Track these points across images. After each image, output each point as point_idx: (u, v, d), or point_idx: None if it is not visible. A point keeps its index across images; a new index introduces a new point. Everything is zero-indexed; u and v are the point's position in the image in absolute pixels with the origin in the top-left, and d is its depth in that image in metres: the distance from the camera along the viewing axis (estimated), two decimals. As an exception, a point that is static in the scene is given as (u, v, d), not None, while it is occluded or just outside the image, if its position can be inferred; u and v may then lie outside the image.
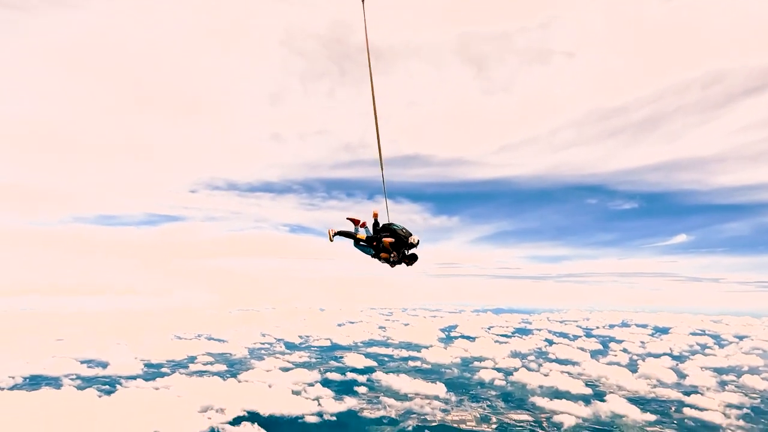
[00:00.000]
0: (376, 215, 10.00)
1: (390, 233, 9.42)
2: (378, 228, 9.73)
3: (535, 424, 71.20)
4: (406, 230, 9.37)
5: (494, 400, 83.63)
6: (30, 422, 58.39)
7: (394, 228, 9.38)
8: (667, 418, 73.47)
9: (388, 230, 9.50)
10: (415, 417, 70.88)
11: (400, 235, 9.24)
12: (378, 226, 9.88)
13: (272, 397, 74.23)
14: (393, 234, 9.36)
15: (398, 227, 9.46)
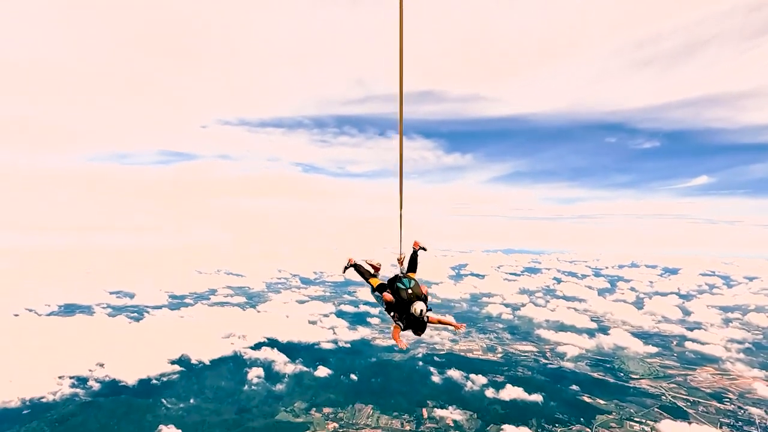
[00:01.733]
0: (401, 261, 8.29)
1: (392, 291, 7.33)
2: (391, 279, 7.81)
3: (538, 354, 74.57)
4: (414, 293, 7.12)
5: (501, 333, 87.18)
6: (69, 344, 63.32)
7: (398, 287, 7.28)
8: (667, 351, 76.05)
9: (393, 286, 7.39)
10: (425, 346, 74.62)
11: (401, 296, 7.15)
12: (400, 274, 7.94)
13: (290, 326, 78.55)
14: (395, 292, 7.25)
15: (405, 285, 7.28)
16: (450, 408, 51.02)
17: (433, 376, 59.96)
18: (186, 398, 52.90)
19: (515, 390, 54.33)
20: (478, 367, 63.42)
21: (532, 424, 47.04)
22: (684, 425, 47.08)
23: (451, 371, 60.51)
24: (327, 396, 54.91)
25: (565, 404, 52.79)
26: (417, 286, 7.14)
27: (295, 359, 64.41)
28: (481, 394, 54.40)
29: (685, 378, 63.90)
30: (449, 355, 69.36)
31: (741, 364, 67.15)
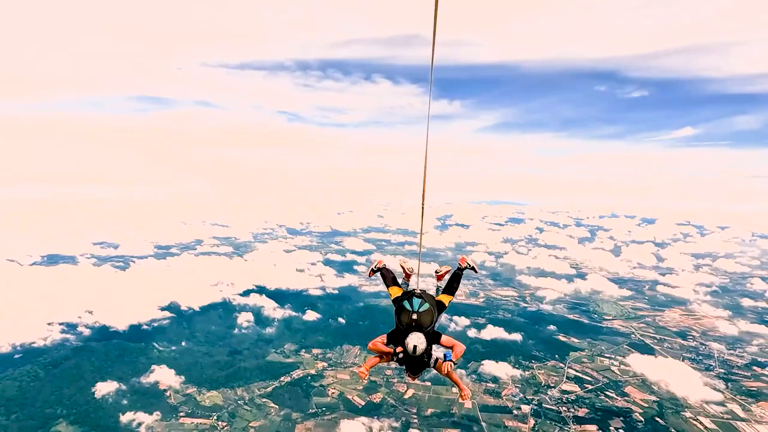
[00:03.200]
0: (407, 273, 6.93)
1: (395, 310, 5.87)
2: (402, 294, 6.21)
3: (519, 299, 77.86)
4: (420, 321, 5.54)
5: (483, 279, 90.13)
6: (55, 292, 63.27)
7: (403, 306, 5.75)
8: (640, 295, 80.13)
9: (398, 304, 5.89)
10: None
11: (400, 320, 5.65)
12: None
13: (278, 274, 79.66)
14: (396, 313, 5.79)
15: (412, 307, 5.67)
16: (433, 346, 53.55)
17: (418, 319, 62.39)
18: (177, 342, 54.22)
19: (496, 330, 57.25)
20: (461, 311, 66.08)
21: (510, 360, 49.94)
22: (650, 358, 50.60)
23: (436, 314, 63.04)
24: (316, 338, 56.93)
25: (542, 343, 55.93)
26: (428, 314, 5.45)
27: (283, 305, 65.98)
28: (463, 334, 57.10)
29: (654, 318, 67.82)
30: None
31: (707, 306, 71.43)
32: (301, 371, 48.70)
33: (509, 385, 45.75)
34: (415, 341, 5.12)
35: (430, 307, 5.61)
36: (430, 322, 5.49)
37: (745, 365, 50.39)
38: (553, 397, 43.89)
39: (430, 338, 5.49)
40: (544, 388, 45.54)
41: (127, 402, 40.88)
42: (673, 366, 48.15)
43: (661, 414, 40.52)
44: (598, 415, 40.81)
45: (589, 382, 46.87)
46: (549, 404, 42.62)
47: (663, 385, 44.27)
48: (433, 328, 5.52)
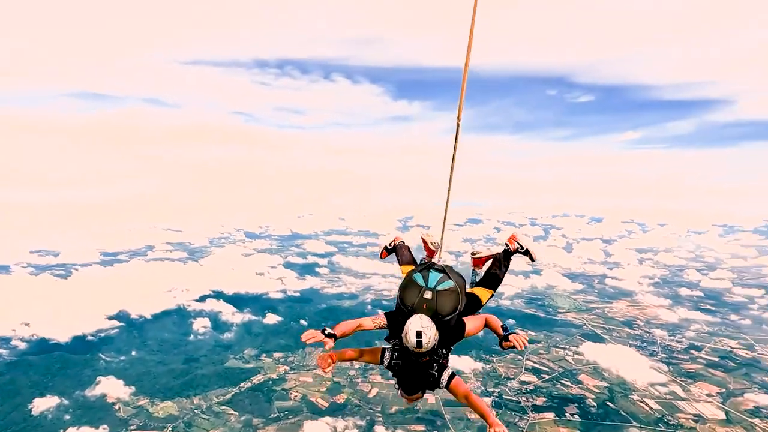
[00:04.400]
0: (428, 245, 5.58)
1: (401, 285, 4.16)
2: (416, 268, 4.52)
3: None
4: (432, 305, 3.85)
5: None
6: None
7: (412, 279, 4.09)
8: (590, 288, 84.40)
9: (407, 278, 4.21)
10: (373, 292, 76.88)
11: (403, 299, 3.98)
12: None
13: (236, 278, 77.01)
14: (400, 289, 4.11)
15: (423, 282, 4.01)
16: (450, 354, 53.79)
17: (381, 318, 62.46)
18: (127, 351, 51.02)
19: (457, 325, 58.34)
20: (423, 309, 66.74)
21: (472, 354, 50.97)
22: (600, 346, 53.39)
23: (399, 313, 63.40)
24: (277, 342, 55.45)
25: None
26: (449, 296, 3.80)
27: (242, 309, 63.79)
28: (426, 332, 57.76)
29: (603, 310, 71.54)
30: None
31: (650, 296, 76.33)
32: (262, 376, 47.25)
33: (471, 379, 46.67)
34: (417, 326, 3.44)
35: (455, 287, 3.85)
36: (451, 310, 3.73)
37: (684, 349, 54.19)
38: (512, 388, 45.22)
39: (447, 334, 3.75)
40: (504, 380, 46.84)
41: (69, 417, 37.90)
42: (622, 352, 51.07)
43: (611, 398, 42.76)
44: (555, 403, 42.45)
45: (546, 372, 48.65)
46: (509, 395, 43.87)
47: (613, 370, 46.80)
48: (452, 320, 3.76)
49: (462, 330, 4.10)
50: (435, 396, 43.46)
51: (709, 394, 43.17)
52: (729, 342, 56.11)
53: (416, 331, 3.57)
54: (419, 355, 3.73)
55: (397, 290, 4.20)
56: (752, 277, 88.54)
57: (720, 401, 41.83)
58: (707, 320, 64.29)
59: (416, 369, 3.91)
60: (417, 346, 3.57)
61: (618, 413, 40.34)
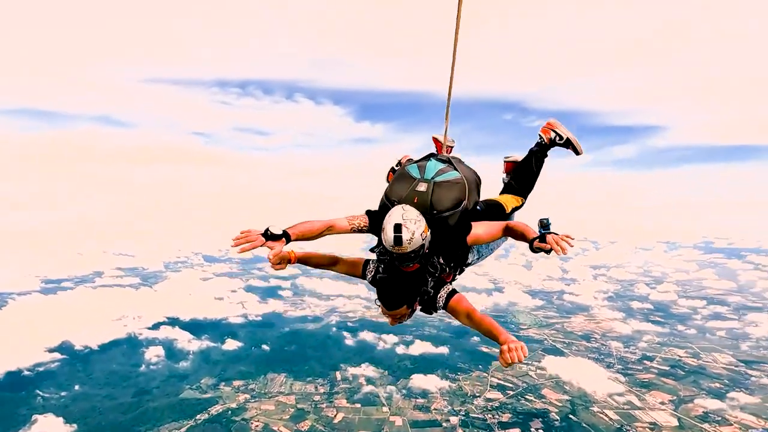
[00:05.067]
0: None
1: (384, 197, 3.36)
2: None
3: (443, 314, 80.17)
4: (428, 192, 3.09)
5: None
6: None
7: (406, 170, 3.30)
8: (550, 304, 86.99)
9: (400, 170, 3.41)
10: (337, 314, 75.52)
11: (390, 191, 3.26)
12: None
13: (193, 304, 73.42)
14: (392, 182, 3.36)
15: (419, 174, 3.22)
16: (363, 366, 52.83)
17: (346, 340, 61.22)
18: (69, 387, 46.88)
19: (423, 344, 58.13)
20: (389, 330, 66.12)
21: (438, 373, 50.79)
22: (561, 360, 54.83)
23: (364, 333, 62.45)
24: (237, 369, 52.92)
25: (466, 354, 57.85)
26: (451, 190, 3.09)
27: (200, 336, 60.66)
28: (392, 352, 57.13)
29: (562, 325, 73.77)
30: (362, 321, 71.12)
31: (605, 310, 79.68)
32: (221, 406, 44.69)
33: (438, 398, 46.34)
34: (397, 218, 2.73)
35: (459, 178, 3.11)
36: (451, 205, 3.01)
37: (638, 360, 56.58)
38: (479, 406, 45.27)
39: (445, 236, 3.01)
40: (470, 398, 46.85)
41: (-1, 463, 34.14)
42: (582, 365, 52.62)
43: (573, 411, 43.70)
44: (520, 418, 42.82)
45: (510, 388, 49.16)
46: (475, 413, 43.83)
47: (574, 383, 48.02)
48: (452, 219, 3.02)
49: (466, 231, 3.10)
50: (402, 418, 42.78)
51: (663, 402, 45.05)
52: (678, 351, 59.16)
53: (395, 224, 2.70)
54: (404, 260, 2.87)
55: (385, 190, 3.30)
56: (694, 290, 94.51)
57: (672, 408, 43.74)
58: (657, 331, 67.68)
59: (403, 281, 3.08)
60: (395, 243, 2.71)
61: (580, 425, 41.21)
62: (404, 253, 2.85)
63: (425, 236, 2.88)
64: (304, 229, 3.03)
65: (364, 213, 3.29)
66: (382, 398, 46.92)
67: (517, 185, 3.96)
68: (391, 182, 3.36)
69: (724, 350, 59.55)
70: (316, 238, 3.13)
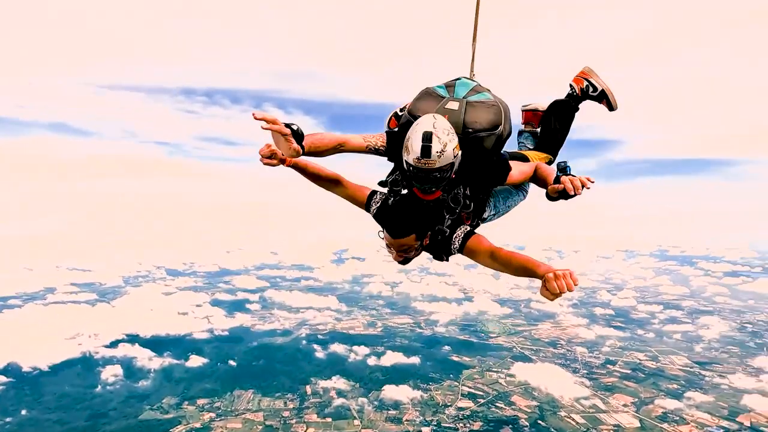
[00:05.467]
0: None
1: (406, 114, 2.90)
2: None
3: (414, 325, 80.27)
4: (461, 111, 2.71)
5: (380, 309, 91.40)
6: None
7: (432, 89, 2.92)
8: (518, 312, 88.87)
9: (424, 90, 2.97)
10: (307, 327, 74.15)
11: (415, 106, 2.88)
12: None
13: (155, 319, 70.22)
14: (414, 101, 2.94)
15: (447, 93, 2.86)
16: (334, 378, 51.88)
17: (316, 353, 60.05)
18: (14, 412, 43.51)
19: (395, 355, 57.85)
20: (360, 341, 65.51)
21: (410, 383, 50.60)
22: (530, 366, 55.93)
23: (335, 346, 61.52)
24: (202, 386, 50.77)
25: (438, 364, 58.01)
26: (484, 109, 2.75)
27: (162, 353, 57.93)
28: (363, 364, 56.47)
29: (530, 332, 75.40)
30: (332, 333, 70.18)
31: (571, 316, 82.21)
32: (184, 426, 42.65)
33: (410, 409, 46.06)
34: (427, 126, 2.37)
35: (495, 101, 2.79)
36: (488, 125, 2.71)
37: (601, 364, 58.46)
38: (450, 415, 45.31)
39: (477, 162, 2.73)
40: (442, 407, 46.85)
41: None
42: (549, 371, 53.83)
43: (542, 416, 44.49)
44: (490, 426, 43.16)
45: (481, 396, 49.56)
46: (447, 423, 43.83)
47: (543, 389, 48.98)
48: (489, 142, 2.73)
49: (505, 169, 2.88)
50: (374, 431, 42.20)
51: (625, 404, 46.62)
52: (638, 355, 61.60)
53: (424, 132, 2.33)
54: (427, 180, 2.49)
55: (409, 107, 2.91)
56: (652, 296, 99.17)
57: (634, 410, 45.33)
58: (619, 336, 70.32)
59: (417, 209, 2.70)
60: (422, 154, 2.34)
61: (549, 430, 41.97)
62: (431, 169, 2.41)
63: (457, 154, 2.49)
64: (315, 140, 2.59)
65: (384, 133, 2.93)
66: (353, 411, 46.18)
67: (542, 140, 3.55)
68: (414, 99, 2.90)
69: (680, 352, 62.54)
70: (327, 154, 2.71)
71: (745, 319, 77.42)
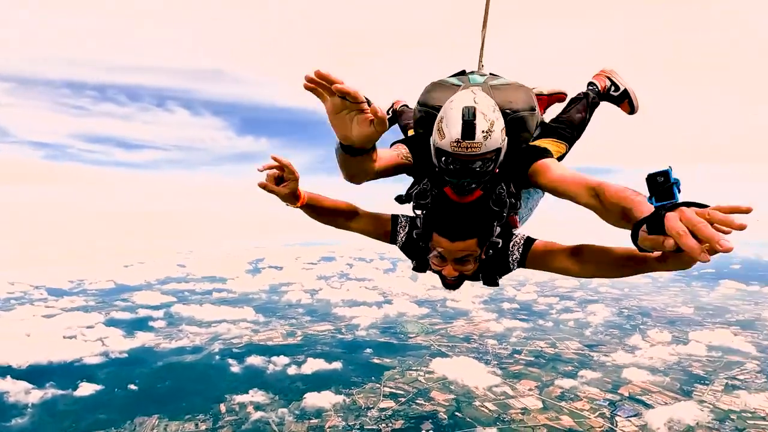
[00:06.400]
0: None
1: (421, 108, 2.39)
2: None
3: (335, 331, 79.60)
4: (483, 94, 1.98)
5: (300, 317, 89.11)
6: None
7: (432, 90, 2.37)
8: (434, 312, 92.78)
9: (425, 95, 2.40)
10: (221, 341, 69.58)
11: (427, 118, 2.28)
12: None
13: (33, 346, 60.58)
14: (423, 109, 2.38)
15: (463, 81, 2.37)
16: (251, 392, 49.13)
17: (232, 368, 56.47)
18: None
19: (316, 362, 56.73)
20: (279, 352, 63.17)
21: (332, 390, 49.97)
22: (446, 360, 58.77)
23: (252, 358, 58.49)
24: (95, 417, 44.75)
25: (360, 368, 58.13)
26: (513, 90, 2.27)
27: (43, 384, 50.00)
28: (283, 374, 54.46)
29: (446, 330, 79.12)
30: (249, 346, 66.66)
31: (482, 312, 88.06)
32: (72, 465, 37.27)
33: (332, 416, 45.42)
34: (467, 101, 1.85)
35: (519, 84, 2.38)
36: (525, 106, 2.25)
37: (509, 354, 63.40)
38: (373, 417, 45.60)
39: (519, 140, 2.23)
40: (364, 410, 46.97)
41: None
42: (464, 364, 57.02)
43: (459, 408, 46.83)
44: (412, 423, 44.28)
45: (402, 395, 50.65)
46: (370, 425, 44.03)
47: (459, 381, 51.65)
48: (529, 125, 2.29)
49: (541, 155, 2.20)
50: (295, 442, 40.80)
51: (530, 388, 51.02)
52: (539, 343, 67.88)
53: (465, 107, 1.80)
54: (466, 173, 1.95)
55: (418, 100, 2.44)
56: (549, 289, 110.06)
57: (538, 393, 49.80)
58: (523, 327, 76.89)
59: (464, 212, 2.15)
60: (464, 134, 1.81)
61: (465, 420, 44.30)
62: (473, 156, 1.87)
63: (504, 138, 1.97)
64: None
65: (399, 144, 2.41)
66: (272, 424, 44.26)
67: (561, 128, 2.95)
68: (424, 93, 2.41)
69: (573, 338, 70.26)
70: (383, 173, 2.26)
71: (623, 305, 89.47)
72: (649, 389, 49.70)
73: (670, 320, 79.76)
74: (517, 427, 43.46)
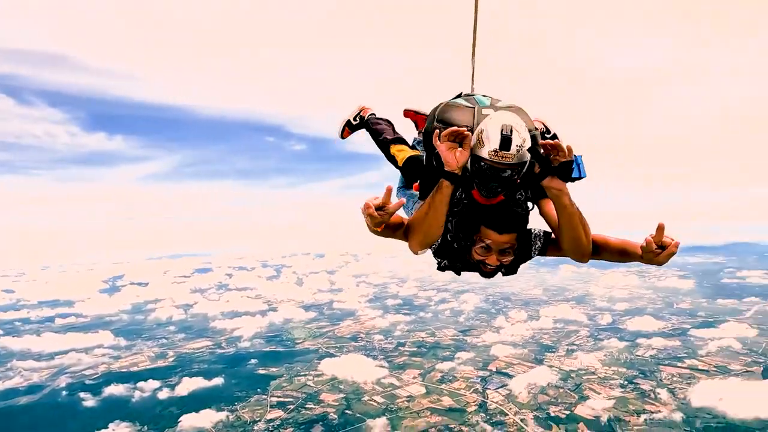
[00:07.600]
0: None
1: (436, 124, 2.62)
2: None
3: (214, 346, 73.55)
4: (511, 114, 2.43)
5: (172, 336, 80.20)
6: None
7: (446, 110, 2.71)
8: (321, 315, 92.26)
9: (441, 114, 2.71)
10: (68, 374, 58.67)
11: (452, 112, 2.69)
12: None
13: None
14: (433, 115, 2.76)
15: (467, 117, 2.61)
16: (112, 426, 42.25)
17: (85, 402, 47.81)
18: None
19: (193, 381, 51.50)
20: (146, 377, 55.75)
21: (213, 408, 46.00)
22: (335, 360, 59.09)
23: (112, 388, 50.39)
24: None
25: (244, 381, 54.68)
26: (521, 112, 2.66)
27: None
28: (153, 400, 48.15)
29: (334, 331, 79.31)
30: (107, 376, 57.43)
31: (368, 310, 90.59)
32: None
33: (214, 436, 41.81)
34: (505, 120, 2.25)
35: (518, 106, 2.72)
36: (533, 128, 2.56)
37: (394, 347, 66.47)
38: (260, 430, 43.31)
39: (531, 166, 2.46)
40: (250, 424, 44.34)
41: None
42: (353, 361, 57.88)
43: (348, 406, 47.27)
44: (301, 429, 43.23)
45: (290, 402, 49.14)
46: (257, 439, 41.72)
47: (349, 379, 52.19)
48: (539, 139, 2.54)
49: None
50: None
51: (414, 377, 54.17)
52: (421, 333, 72.53)
53: (504, 124, 2.21)
54: (496, 178, 2.34)
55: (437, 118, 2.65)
56: (428, 283, 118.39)
57: (421, 380, 53.11)
58: (406, 320, 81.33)
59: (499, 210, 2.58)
60: (502, 146, 2.20)
61: (355, 416, 44.91)
62: (505, 165, 2.28)
63: (529, 156, 2.36)
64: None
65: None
66: (142, 458, 38.87)
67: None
68: (443, 111, 2.68)
69: (450, 326, 76.79)
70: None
71: (488, 293, 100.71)
72: (512, 362, 56.97)
73: (525, 301, 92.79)
74: (403, 414, 45.62)
